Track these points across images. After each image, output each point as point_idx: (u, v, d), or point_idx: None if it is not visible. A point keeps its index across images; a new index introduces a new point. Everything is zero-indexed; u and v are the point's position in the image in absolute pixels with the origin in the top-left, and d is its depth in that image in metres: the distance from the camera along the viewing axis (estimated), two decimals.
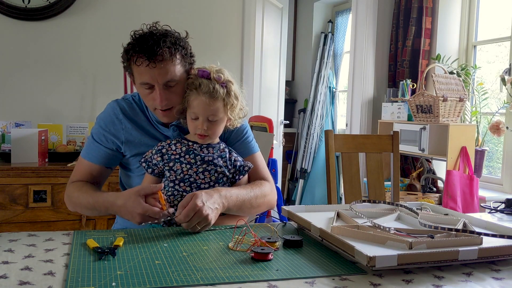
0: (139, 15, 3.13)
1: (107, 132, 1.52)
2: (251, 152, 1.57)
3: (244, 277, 0.95)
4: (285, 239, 1.16)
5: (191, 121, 1.41)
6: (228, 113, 1.42)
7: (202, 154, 1.44)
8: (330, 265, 1.03)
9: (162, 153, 1.43)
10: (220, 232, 1.28)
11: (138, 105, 1.55)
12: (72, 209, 1.54)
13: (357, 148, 2.10)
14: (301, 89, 5.34)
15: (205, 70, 1.40)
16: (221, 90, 1.39)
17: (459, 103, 3.00)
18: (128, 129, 1.51)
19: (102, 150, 1.52)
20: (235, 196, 1.40)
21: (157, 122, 1.53)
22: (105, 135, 1.52)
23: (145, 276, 0.94)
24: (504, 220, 1.55)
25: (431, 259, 1.01)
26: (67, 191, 1.53)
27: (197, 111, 1.39)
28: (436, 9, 3.39)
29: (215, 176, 1.44)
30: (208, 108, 1.38)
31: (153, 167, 1.43)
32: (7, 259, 1.02)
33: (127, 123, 1.51)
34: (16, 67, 2.94)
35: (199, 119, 1.39)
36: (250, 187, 1.48)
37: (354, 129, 3.86)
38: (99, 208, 1.43)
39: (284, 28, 4.20)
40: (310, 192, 4.85)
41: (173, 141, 1.46)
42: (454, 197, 2.88)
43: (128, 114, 1.52)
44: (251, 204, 1.45)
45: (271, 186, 1.57)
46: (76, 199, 1.49)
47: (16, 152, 2.50)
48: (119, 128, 1.51)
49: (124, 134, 1.51)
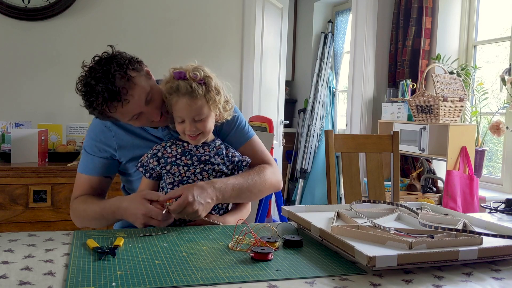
0: (139, 16, 3.14)
1: (98, 142, 1.51)
2: (247, 138, 1.56)
3: (244, 277, 0.94)
4: (285, 239, 1.16)
5: (179, 124, 1.40)
6: (212, 108, 1.39)
7: (199, 154, 1.43)
8: (330, 265, 1.03)
9: (158, 157, 1.42)
10: (220, 232, 1.28)
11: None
12: (81, 224, 1.53)
13: (357, 148, 2.10)
14: (301, 89, 5.34)
15: (181, 71, 1.37)
16: (200, 88, 1.35)
17: (459, 103, 3.00)
18: (118, 135, 1.50)
19: (97, 161, 1.51)
20: (231, 187, 1.40)
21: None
22: (97, 145, 1.51)
23: (145, 276, 0.94)
24: (504, 220, 1.55)
25: (431, 259, 1.01)
26: (73, 208, 1.52)
27: (181, 114, 1.37)
28: (436, 9, 3.39)
29: (213, 175, 1.44)
30: (191, 108, 1.35)
31: (150, 171, 1.43)
32: (7, 259, 1.02)
33: (116, 129, 1.50)
34: (16, 67, 2.93)
35: (185, 121, 1.37)
36: (248, 174, 1.47)
37: (354, 129, 3.86)
38: (106, 214, 1.43)
39: (284, 28, 4.20)
40: (310, 192, 4.85)
41: (168, 143, 1.45)
42: (454, 197, 2.88)
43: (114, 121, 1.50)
44: (250, 192, 1.45)
45: (273, 169, 1.56)
46: (82, 212, 1.49)
47: (16, 152, 2.50)
48: (109, 136, 1.50)
49: (115, 140, 1.50)
